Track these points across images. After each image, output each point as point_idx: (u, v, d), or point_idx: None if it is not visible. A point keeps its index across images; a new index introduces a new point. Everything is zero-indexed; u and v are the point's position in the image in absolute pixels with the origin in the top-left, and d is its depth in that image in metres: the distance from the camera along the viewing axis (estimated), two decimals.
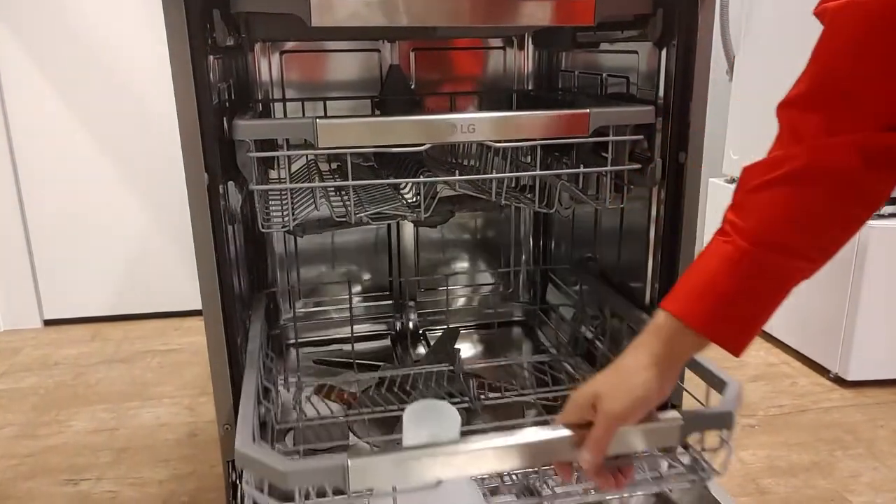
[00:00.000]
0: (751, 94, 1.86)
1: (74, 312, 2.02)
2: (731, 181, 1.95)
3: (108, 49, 1.87)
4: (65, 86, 1.87)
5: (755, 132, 1.84)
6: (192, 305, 1.98)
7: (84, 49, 1.85)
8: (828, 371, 1.63)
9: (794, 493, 1.19)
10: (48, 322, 2.03)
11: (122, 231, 1.99)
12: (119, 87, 1.89)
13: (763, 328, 2.00)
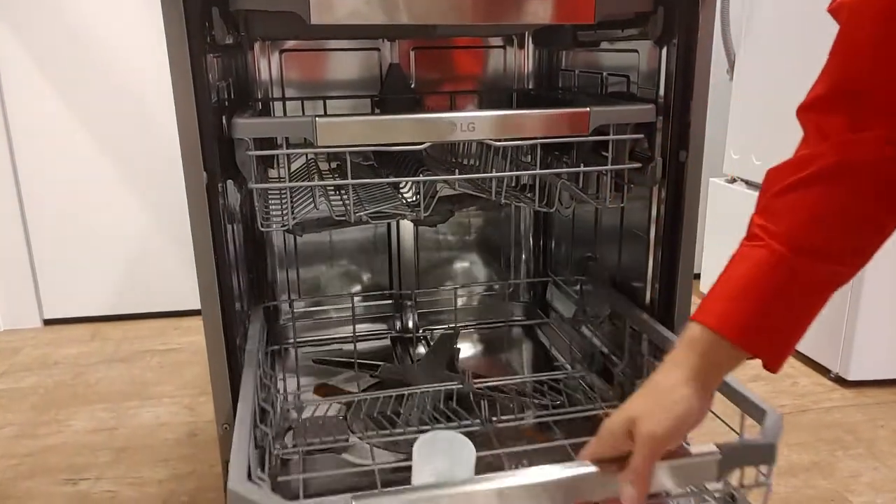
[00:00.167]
0: (751, 95, 1.85)
1: (74, 312, 2.02)
2: (732, 181, 1.95)
3: (108, 49, 1.87)
4: (65, 86, 1.87)
5: (756, 132, 1.83)
6: (192, 305, 1.98)
7: (84, 49, 1.85)
8: (828, 371, 1.63)
9: (795, 493, 1.19)
10: (48, 322, 2.03)
11: (122, 231, 1.99)
12: (119, 87, 1.89)
13: None
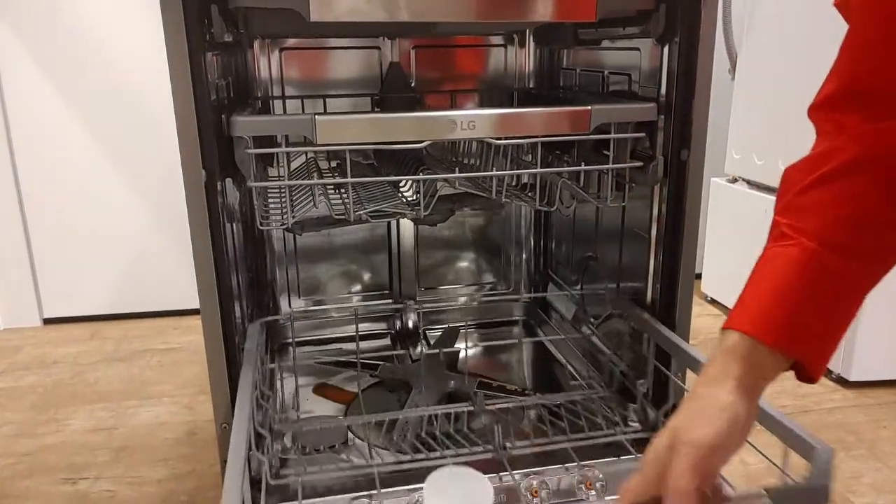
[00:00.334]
0: (753, 94, 1.85)
1: (74, 311, 2.02)
2: (733, 181, 1.95)
3: (108, 48, 1.86)
4: (64, 85, 1.87)
5: (757, 132, 1.83)
6: (192, 304, 1.96)
7: (84, 49, 1.85)
8: (830, 371, 1.62)
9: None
10: (47, 321, 2.02)
11: (122, 230, 1.99)
12: (119, 87, 1.88)
13: None
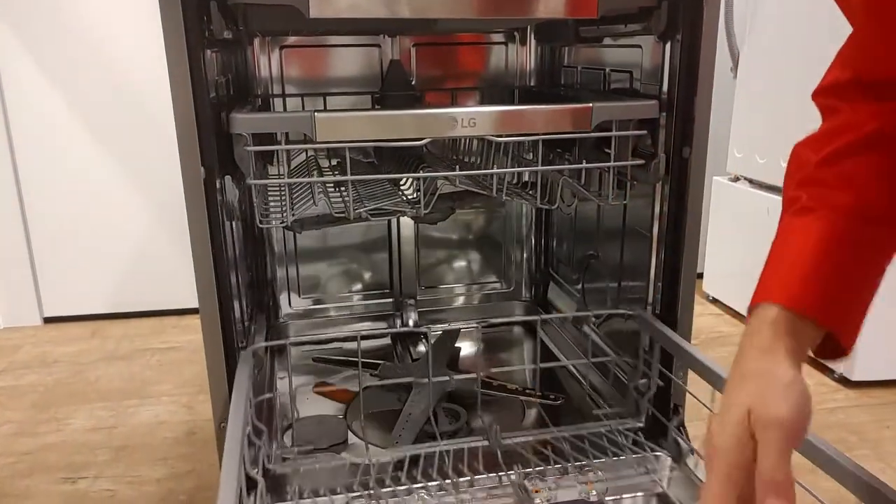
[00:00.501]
0: (755, 93, 1.84)
1: (74, 310, 2.02)
2: (735, 179, 1.94)
3: (109, 47, 1.86)
4: (65, 84, 1.86)
5: (759, 131, 1.82)
6: (192, 303, 1.96)
7: (84, 47, 1.85)
8: (832, 371, 1.62)
9: (799, 496, 1.17)
10: (48, 319, 2.02)
11: (122, 229, 1.98)
12: (119, 86, 1.88)
13: None
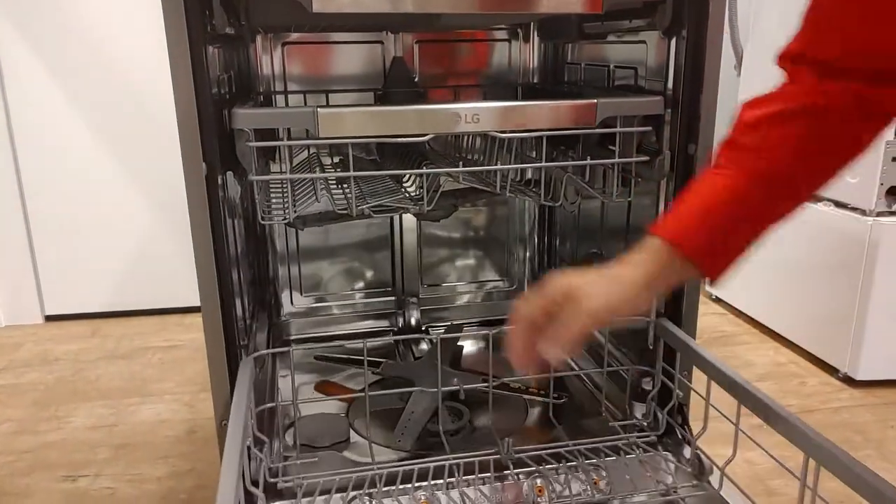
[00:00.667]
0: (759, 91, 1.83)
1: (75, 308, 2.02)
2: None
3: (111, 46, 1.86)
4: (67, 82, 1.86)
5: None
6: (193, 301, 1.96)
7: (87, 45, 1.84)
8: (837, 370, 1.61)
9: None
10: (49, 318, 2.02)
11: (123, 227, 1.98)
12: (121, 84, 1.88)
13: (771, 326, 1.95)
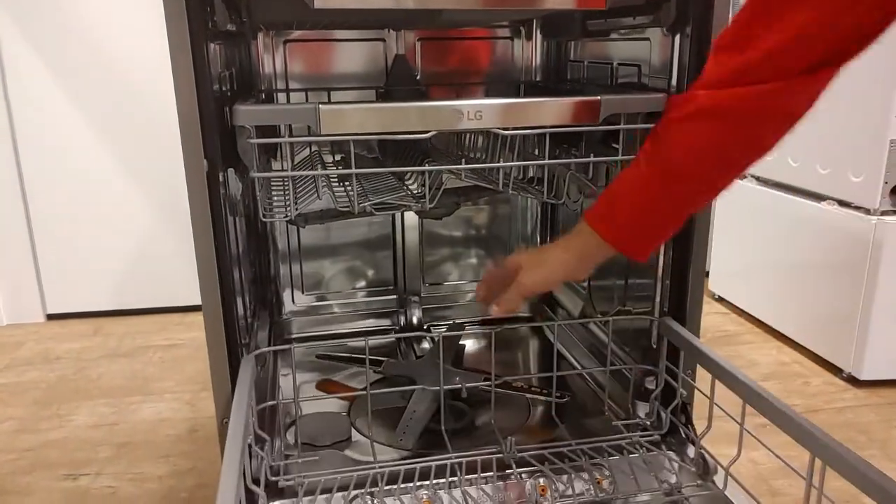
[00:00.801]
0: None
1: (77, 307, 2.02)
2: (742, 177, 1.92)
3: (112, 45, 1.86)
4: (68, 82, 1.86)
5: None
6: (195, 300, 1.96)
7: (87, 45, 1.84)
8: (840, 370, 1.60)
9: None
10: (51, 316, 2.02)
11: (125, 226, 1.98)
12: (123, 84, 1.88)
13: (774, 326, 1.93)
